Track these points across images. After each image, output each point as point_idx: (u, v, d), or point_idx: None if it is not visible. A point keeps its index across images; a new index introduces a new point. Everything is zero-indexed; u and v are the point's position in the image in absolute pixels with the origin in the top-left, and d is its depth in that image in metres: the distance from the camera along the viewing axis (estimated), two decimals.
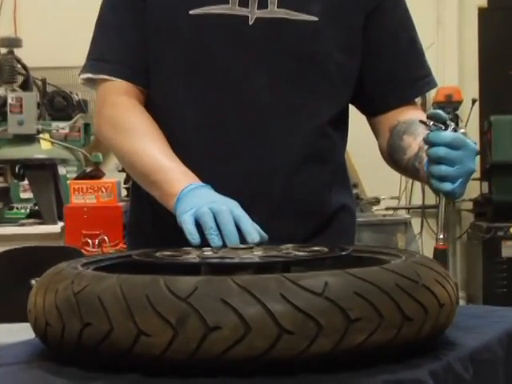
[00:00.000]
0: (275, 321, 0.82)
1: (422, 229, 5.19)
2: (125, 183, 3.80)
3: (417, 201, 5.26)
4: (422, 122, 1.20)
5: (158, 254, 1.09)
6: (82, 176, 3.81)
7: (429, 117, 1.19)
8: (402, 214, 4.84)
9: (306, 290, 0.85)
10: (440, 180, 1.20)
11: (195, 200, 1.21)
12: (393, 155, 1.43)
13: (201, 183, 1.26)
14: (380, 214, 4.52)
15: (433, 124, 1.18)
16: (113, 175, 3.91)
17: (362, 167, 4.84)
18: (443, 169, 1.19)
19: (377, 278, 0.89)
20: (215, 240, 1.13)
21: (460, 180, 1.20)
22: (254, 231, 1.14)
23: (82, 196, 3.43)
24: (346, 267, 0.91)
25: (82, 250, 2.93)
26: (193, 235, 1.15)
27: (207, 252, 1.08)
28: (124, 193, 3.75)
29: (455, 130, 1.19)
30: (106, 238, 3.32)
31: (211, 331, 0.82)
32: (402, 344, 0.89)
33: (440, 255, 1.22)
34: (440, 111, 1.20)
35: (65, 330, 0.90)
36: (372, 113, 1.50)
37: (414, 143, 1.36)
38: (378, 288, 0.88)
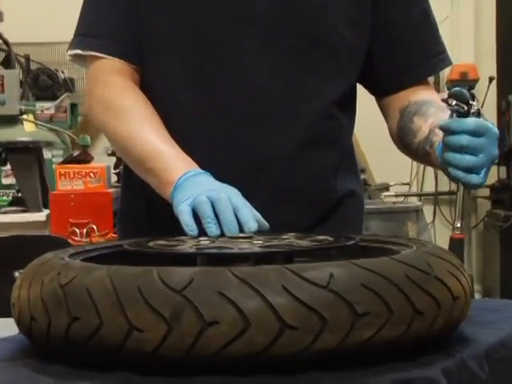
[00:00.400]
0: (277, 315, 0.83)
1: (434, 217, 5.20)
2: (115, 168, 3.81)
3: (429, 187, 5.27)
4: (443, 100, 1.19)
5: (150, 243, 1.10)
6: (69, 160, 3.81)
7: (451, 96, 1.18)
8: (414, 202, 4.84)
9: (310, 282, 0.85)
10: (465, 171, 1.19)
11: (193, 188, 1.21)
12: (403, 138, 1.43)
13: (200, 170, 1.26)
14: (389, 201, 4.51)
15: (455, 104, 1.17)
16: (102, 159, 3.91)
17: (370, 151, 4.84)
18: (468, 159, 1.18)
19: (385, 270, 0.89)
20: (213, 229, 1.14)
21: (485, 169, 1.19)
22: (251, 220, 1.14)
23: (68, 182, 3.44)
24: (353, 258, 0.92)
25: (69, 240, 2.94)
26: (190, 226, 1.15)
27: (204, 242, 1.09)
28: (114, 178, 3.76)
29: (479, 112, 1.18)
30: (94, 226, 3.33)
31: (208, 326, 0.82)
32: (413, 340, 0.90)
33: (456, 245, 1.22)
34: (463, 90, 1.19)
35: (51, 324, 0.90)
36: (382, 93, 1.50)
37: (424, 125, 1.36)
38: (387, 280, 0.88)
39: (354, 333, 0.85)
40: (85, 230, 3.33)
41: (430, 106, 1.38)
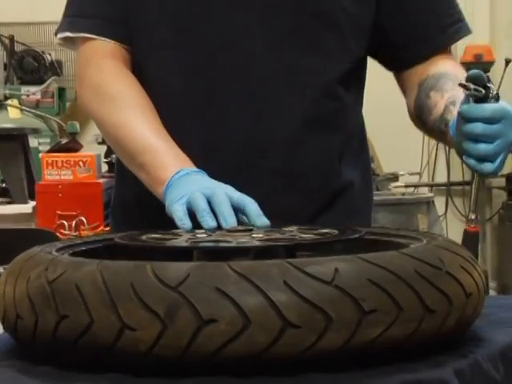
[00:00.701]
0: (278, 313, 0.83)
1: (446, 209, 5.21)
2: (105, 157, 3.81)
3: (441, 177, 5.27)
4: (461, 85, 1.19)
5: (143, 237, 1.10)
6: (57, 148, 3.81)
7: (468, 79, 1.18)
8: (424, 192, 4.86)
9: (314, 277, 0.85)
10: (478, 160, 1.20)
11: (187, 187, 1.21)
12: (420, 116, 1.42)
13: (194, 169, 1.26)
14: (398, 192, 4.53)
15: (474, 89, 1.17)
16: (92, 148, 3.91)
17: (378, 137, 4.79)
18: (482, 148, 1.18)
19: (394, 264, 0.89)
20: (208, 221, 1.14)
21: (501, 156, 1.20)
22: (256, 215, 1.15)
23: (56, 171, 3.44)
24: (359, 252, 0.92)
25: (57, 234, 2.94)
26: (183, 220, 1.16)
27: (200, 235, 1.09)
28: (105, 168, 3.76)
29: (497, 96, 1.18)
30: (84, 219, 3.34)
31: (205, 324, 0.83)
32: (423, 339, 0.90)
33: (471, 239, 1.22)
34: (481, 72, 1.18)
35: (38, 323, 0.90)
36: (398, 67, 1.48)
37: (440, 101, 1.35)
38: (396, 275, 0.88)
39: (361, 331, 0.85)
40: (73, 223, 3.34)
41: (447, 80, 1.36)
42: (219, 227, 1.14)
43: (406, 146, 1.86)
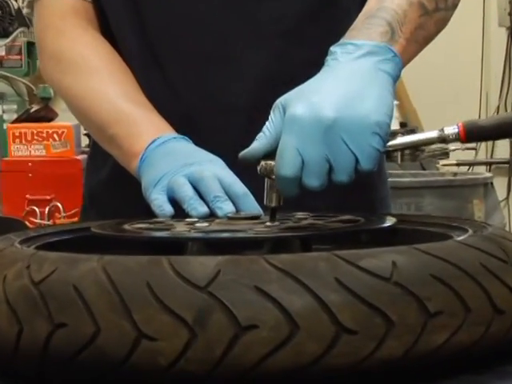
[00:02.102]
0: (331, 316, 0.80)
1: (509, 193, 5.04)
2: None
3: (502, 152, 5.05)
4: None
5: (126, 226, 1.06)
6: (26, 117, 3.67)
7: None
8: (481, 172, 4.55)
9: (370, 273, 0.82)
10: None
11: (166, 164, 1.18)
12: None
13: (173, 134, 1.24)
14: (449, 171, 4.24)
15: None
16: (69, 117, 3.77)
17: (424, 105, 4.62)
18: None
19: (457, 257, 0.87)
20: (198, 207, 1.12)
21: None
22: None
23: (25, 146, 3.32)
24: (388, 243, 0.90)
25: (26, 222, 2.84)
26: (162, 206, 1.15)
27: (200, 224, 1.06)
28: (85, 141, 3.59)
29: None
30: (59, 205, 3.23)
31: (244, 331, 0.79)
32: (491, 345, 0.88)
33: None
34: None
35: (23, 335, 0.85)
36: None
37: None
38: (461, 270, 0.86)
39: (425, 337, 0.83)
40: (47, 210, 3.22)
41: None
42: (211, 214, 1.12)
43: (459, 114, 1.76)
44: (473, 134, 1.10)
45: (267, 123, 1.09)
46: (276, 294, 0.80)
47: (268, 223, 1.05)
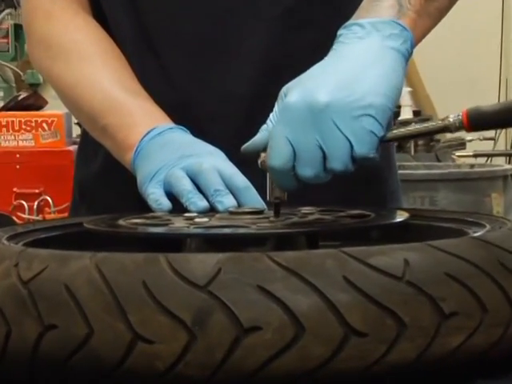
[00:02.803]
0: (340, 317, 0.80)
1: None
2: None
3: None
4: None
5: (121, 221, 1.07)
6: (13, 105, 3.69)
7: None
8: (501, 164, 4.53)
9: (380, 271, 0.82)
10: None
11: (162, 156, 1.19)
12: None
13: (170, 124, 1.24)
14: (466, 163, 4.25)
15: None
16: (59, 105, 3.78)
17: (439, 92, 4.57)
18: None
19: (474, 254, 0.87)
20: (197, 202, 1.12)
21: None
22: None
23: (12, 136, 3.34)
24: (399, 240, 0.90)
25: (14, 217, 2.85)
26: (159, 200, 1.15)
27: (199, 219, 1.06)
28: (77, 131, 3.60)
29: None
30: (49, 199, 3.24)
31: (246, 333, 0.79)
32: (510, 348, 0.88)
33: None
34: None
35: (11, 337, 0.85)
36: None
37: None
38: (478, 268, 0.86)
39: (439, 340, 0.83)
40: (35, 204, 3.22)
41: None
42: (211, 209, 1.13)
43: (476, 101, 1.71)
44: (477, 121, 1.08)
45: (271, 114, 1.09)
46: (280, 294, 0.80)
47: (272, 218, 1.05)
